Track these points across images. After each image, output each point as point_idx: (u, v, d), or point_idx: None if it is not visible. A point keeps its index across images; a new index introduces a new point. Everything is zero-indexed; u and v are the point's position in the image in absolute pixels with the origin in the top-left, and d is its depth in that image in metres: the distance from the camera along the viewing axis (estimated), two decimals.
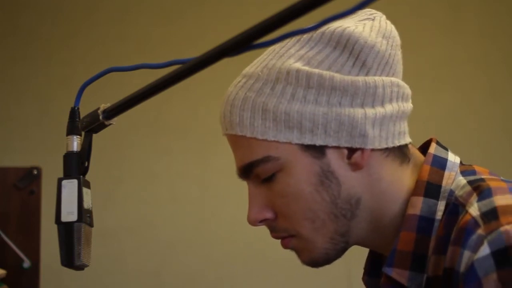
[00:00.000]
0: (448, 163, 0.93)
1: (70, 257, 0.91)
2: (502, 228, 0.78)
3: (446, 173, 0.91)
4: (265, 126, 0.89)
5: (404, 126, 0.94)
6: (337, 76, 0.89)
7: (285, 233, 0.94)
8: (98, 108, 0.90)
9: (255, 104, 0.90)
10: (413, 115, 0.96)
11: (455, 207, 0.86)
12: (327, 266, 0.95)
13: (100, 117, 0.89)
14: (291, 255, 0.97)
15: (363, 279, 1.03)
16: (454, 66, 3.12)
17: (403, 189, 0.92)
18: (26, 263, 2.30)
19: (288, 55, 0.91)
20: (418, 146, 1.00)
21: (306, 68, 0.89)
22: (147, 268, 2.98)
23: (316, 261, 0.94)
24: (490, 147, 3.08)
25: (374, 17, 0.94)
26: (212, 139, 2.93)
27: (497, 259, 0.77)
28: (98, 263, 1.37)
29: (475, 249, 0.78)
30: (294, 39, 0.92)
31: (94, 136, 0.94)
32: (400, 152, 0.93)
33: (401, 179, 0.92)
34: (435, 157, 0.93)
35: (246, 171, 0.93)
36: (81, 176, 0.93)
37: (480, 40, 3.15)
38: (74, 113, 0.95)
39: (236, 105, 0.91)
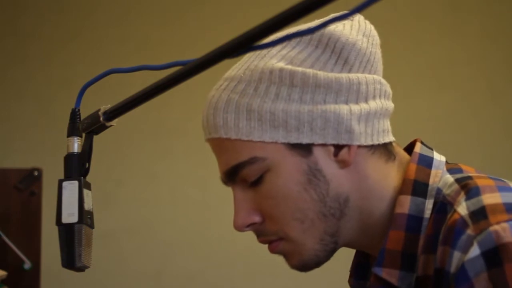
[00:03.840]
0: (434, 162, 0.93)
1: (71, 259, 0.91)
2: (491, 228, 0.78)
3: (433, 171, 0.91)
4: (250, 127, 0.88)
5: (387, 124, 0.94)
6: (321, 73, 0.88)
7: (273, 236, 0.92)
8: (99, 110, 0.90)
9: (239, 105, 0.89)
10: (414, 116, 0.97)
11: (443, 205, 0.86)
12: (328, 267, 0.95)
13: (101, 119, 0.89)
14: None
15: (349, 281, 1.03)
16: (454, 68, 3.12)
17: (390, 187, 0.92)
18: (27, 264, 2.29)
19: (270, 56, 0.91)
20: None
21: (289, 66, 0.89)
22: (147, 269, 2.98)
23: (306, 264, 0.93)
24: (490, 148, 3.08)
25: (353, 17, 0.94)
26: None
27: (488, 259, 0.77)
28: (98, 265, 1.36)
29: (465, 250, 0.79)
30: None
31: (95, 137, 0.94)
32: (385, 150, 0.93)
33: (387, 177, 0.92)
34: (421, 155, 0.93)
35: (232, 175, 0.92)
36: (82, 178, 0.93)
37: (480, 42, 3.15)
38: (74, 114, 0.95)
39: (220, 108, 0.90)
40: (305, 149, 0.89)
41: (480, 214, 0.80)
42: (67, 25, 3.08)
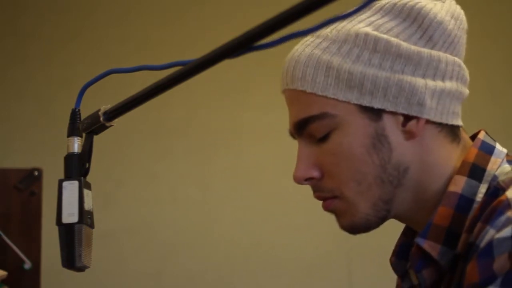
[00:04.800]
0: (496, 150, 0.95)
1: (71, 259, 0.91)
2: None
3: (493, 158, 0.93)
4: (327, 83, 0.91)
5: (459, 108, 0.96)
6: (404, 44, 0.91)
7: (329, 193, 0.94)
8: (99, 110, 0.90)
9: (320, 61, 0.91)
10: None
11: (496, 190, 0.88)
12: (327, 268, 0.95)
13: (101, 119, 0.90)
14: (291, 256, 0.97)
15: (390, 260, 1.03)
16: None
17: (450, 167, 0.93)
18: (27, 264, 2.30)
19: (359, 20, 0.93)
20: None
21: (375, 33, 0.91)
22: (147, 269, 2.98)
23: (356, 226, 0.94)
24: None
25: (445, 0, 0.96)
26: (213, 140, 2.93)
27: None
28: (98, 265, 1.36)
29: (500, 229, 0.80)
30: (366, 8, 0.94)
31: (95, 137, 0.94)
32: (452, 132, 0.95)
33: (449, 157, 0.94)
34: (484, 142, 0.96)
35: (301, 127, 0.94)
36: (82, 178, 0.93)
37: (480, 41, 3.15)
38: (75, 114, 0.95)
39: (301, 61, 0.93)
40: (375, 113, 0.91)
41: None
42: (67, 25, 3.08)
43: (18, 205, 2.35)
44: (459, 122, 0.96)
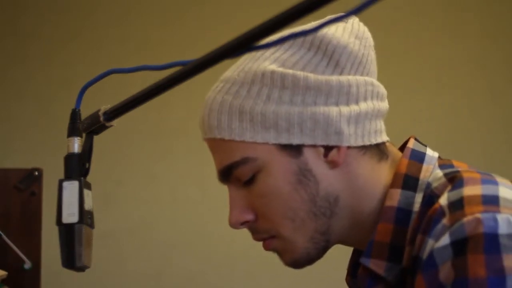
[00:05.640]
0: (426, 157, 0.94)
1: (71, 259, 0.91)
2: (464, 219, 0.79)
3: (424, 166, 0.93)
4: (243, 128, 0.90)
5: (381, 124, 0.95)
6: (311, 76, 0.90)
7: (266, 234, 0.95)
8: (99, 110, 0.90)
9: (232, 107, 0.91)
10: (414, 116, 0.97)
11: (431, 198, 0.88)
12: (327, 268, 0.96)
13: (101, 119, 0.90)
14: None
15: (346, 279, 1.04)
16: (454, 67, 3.12)
17: (381, 185, 0.93)
18: (27, 264, 2.29)
19: (264, 58, 0.92)
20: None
21: (281, 69, 0.91)
22: (147, 269, 2.98)
23: (297, 262, 0.95)
24: (490, 148, 3.08)
25: (347, 20, 0.95)
26: None
27: (455, 249, 0.78)
28: (98, 265, 1.36)
29: (438, 238, 0.80)
30: None
31: (95, 137, 0.94)
32: (378, 150, 0.94)
33: (379, 176, 0.93)
34: (413, 151, 0.95)
35: (226, 174, 0.94)
36: (82, 178, 0.93)
37: (480, 41, 3.15)
38: (75, 114, 0.95)
39: (214, 109, 0.93)
40: (295, 150, 0.90)
41: (457, 205, 0.81)
42: (67, 25, 3.08)
43: (18, 205, 2.35)
44: (383, 138, 0.95)
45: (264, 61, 0.92)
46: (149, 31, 3.08)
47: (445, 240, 0.79)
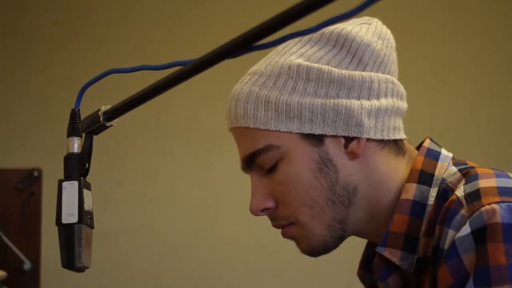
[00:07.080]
0: (441, 156, 0.98)
1: (71, 259, 0.91)
2: (483, 209, 0.83)
3: (439, 163, 0.97)
4: (268, 117, 0.95)
5: (399, 122, 1.00)
6: (335, 70, 0.95)
7: (285, 221, 0.98)
8: (99, 110, 0.90)
9: (258, 97, 0.96)
10: (415, 116, 0.98)
11: (446, 192, 0.92)
12: (328, 268, 0.96)
13: (101, 119, 0.89)
14: (292, 256, 0.97)
15: (358, 273, 1.08)
16: (455, 67, 3.12)
17: (398, 179, 0.97)
18: (27, 265, 2.30)
19: (290, 53, 0.97)
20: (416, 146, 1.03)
21: (307, 63, 0.95)
22: (147, 270, 2.98)
23: (314, 249, 0.98)
24: (490, 147, 3.08)
25: (371, 22, 1.00)
26: (213, 141, 2.93)
27: (476, 238, 0.82)
28: (98, 265, 1.36)
29: (458, 228, 0.84)
30: (295, 39, 0.98)
31: (95, 137, 0.94)
32: (395, 146, 0.98)
33: (396, 170, 0.97)
34: (429, 149, 0.99)
35: (249, 161, 0.98)
36: (82, 178, 0.93)
37: (481, 41, 3.15)
38: (74, 114, 0.95)
39: (241, 99, 0.97)
40: (317, 139, 0.95)
41: (474, 196, 0.86)
42: (67, 25, 3.08)
43: (17, 206, 2.35)
44: (401, 135, 1.00)
45: (291, 55, 0.96)
46: (149, 31, 3.08)
47: (466, 230, 0.83)
